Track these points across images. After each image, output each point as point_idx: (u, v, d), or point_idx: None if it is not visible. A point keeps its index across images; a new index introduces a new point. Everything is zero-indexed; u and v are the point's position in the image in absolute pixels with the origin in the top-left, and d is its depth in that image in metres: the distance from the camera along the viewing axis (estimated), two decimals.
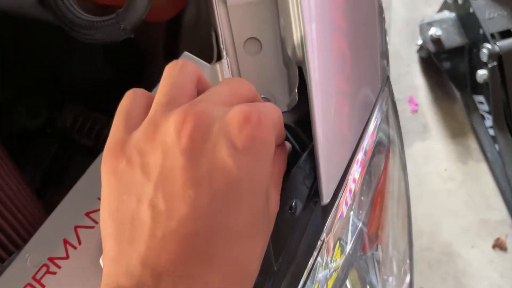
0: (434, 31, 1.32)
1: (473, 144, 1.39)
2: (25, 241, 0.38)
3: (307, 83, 0.31)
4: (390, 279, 0.43)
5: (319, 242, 0.31)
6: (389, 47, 1.59)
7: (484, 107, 1.34)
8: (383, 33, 0.46)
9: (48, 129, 0.60)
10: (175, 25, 0.51)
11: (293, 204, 0.31)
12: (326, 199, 0.31)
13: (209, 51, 0.38)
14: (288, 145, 0.34)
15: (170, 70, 0.28)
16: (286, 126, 0.33)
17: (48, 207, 0.46)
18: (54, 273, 0.32)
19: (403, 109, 1.44)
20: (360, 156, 0.36)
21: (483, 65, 1.27)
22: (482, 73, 1.27)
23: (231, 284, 0.24)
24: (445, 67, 1.37)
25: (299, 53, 0.33)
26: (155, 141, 0.24)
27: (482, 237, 1.28)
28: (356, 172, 0.36)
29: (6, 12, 0.38)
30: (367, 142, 0.37)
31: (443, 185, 1.34)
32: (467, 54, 1.33)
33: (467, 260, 1.25)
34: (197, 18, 0.50)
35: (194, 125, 0.24)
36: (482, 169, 1.36)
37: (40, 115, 0.60)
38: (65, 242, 0.33)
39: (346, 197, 0.34)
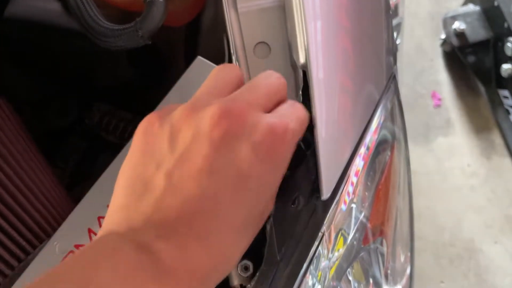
0: (458, 25, 1.31)
1: (497, 139, 1.37)
2: (55, 230, 0.42)
3: (309, 80, 0.33)
4: (392, 271, 0.45)
5: (320, 234, 0.33)
6: (412, 41, 1.56)
7: (509, 102, 1.31)
8: (390, 29, 0.47)
9: (78, 126, 0.64)
10: (193, 28, 0.54)
11: (295, 199, 0.33)
12: (326, 194, 0.33)
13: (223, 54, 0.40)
14: None
15: (219, 69, 0.32)
16: None
17: (77, 200, 0.50)
18: None
19: (426, 104, 1.43)
20: (362, 150, 0.38)
21: (508, 59, 1.25)
22: (507, 67, 1.25)
23: (214, 267, 0.26)
24: (469, 61, 1.35)
25: (302, 58, 0.35)
26: (190, 122, 0.27)
27: (505, 233, 1.26)
28: (358, 165, 0.37)
29: (37, 21, 0.41)
30: (370, 138, 0.39)
31: (466, 180, 1.33)
32: (491, 48, 1.32)
33: (489, 256, 1.24)
34: (214, 21, 0.52)
35: (228, 123, 0.26)
36: (506, 165, 1.34)
37: (70, 113, 0.63)
38: (90, 231, 0.36)
39: (348, 190, 0.36)
